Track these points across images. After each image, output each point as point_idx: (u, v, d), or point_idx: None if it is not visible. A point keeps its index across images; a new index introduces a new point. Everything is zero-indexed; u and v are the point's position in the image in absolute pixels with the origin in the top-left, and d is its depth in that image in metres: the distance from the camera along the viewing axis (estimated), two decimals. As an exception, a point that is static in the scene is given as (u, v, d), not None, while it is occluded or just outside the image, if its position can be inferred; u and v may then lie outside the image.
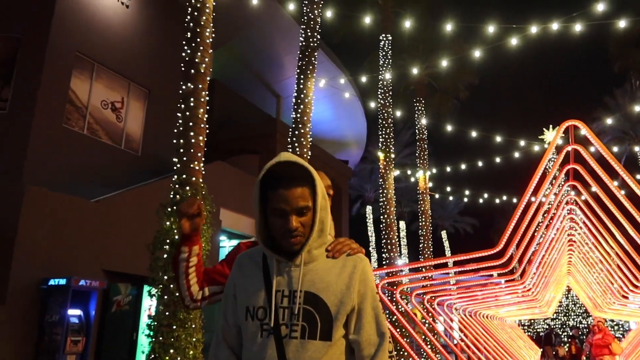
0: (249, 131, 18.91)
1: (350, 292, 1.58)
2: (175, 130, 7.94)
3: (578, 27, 11.18)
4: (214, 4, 7.88)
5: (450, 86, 20.17)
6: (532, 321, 26.61)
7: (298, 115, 10.19)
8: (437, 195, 27.86)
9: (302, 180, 1.56)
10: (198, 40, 7.49)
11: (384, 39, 17.92)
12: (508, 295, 9.73)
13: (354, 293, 1.59)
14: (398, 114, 19.21)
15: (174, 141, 7.74)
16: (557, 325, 25.65)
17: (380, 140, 16.55)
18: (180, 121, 7.75)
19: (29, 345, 9.03)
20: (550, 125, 29.57)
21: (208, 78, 7.75)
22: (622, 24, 10.71)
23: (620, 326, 23.87)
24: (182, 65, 7.78)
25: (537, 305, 10.35)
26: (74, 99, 12.48)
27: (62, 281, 9.11)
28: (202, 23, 7.51)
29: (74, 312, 9.20)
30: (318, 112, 17.86)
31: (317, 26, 11.02)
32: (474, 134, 18.93)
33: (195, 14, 7.51)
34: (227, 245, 15.81)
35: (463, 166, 21.51)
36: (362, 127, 28.16)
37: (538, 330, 25.61)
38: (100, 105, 13.23)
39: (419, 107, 19.35)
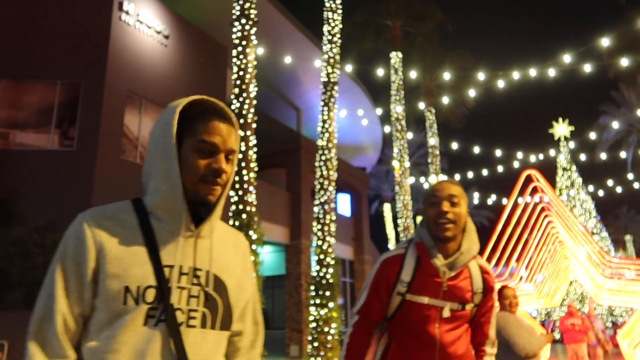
0: (275, 147, 20.70)
1: (247, 277, 1.40)
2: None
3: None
4: (255, 63, 9.66)
5: (458, 96, 21.70)
6: (550, 310, 28.13)
7: (324, 142, 11.94)
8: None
9: (232, 121, 1.32)
10: (244, 95, 9.27)
11: (395, 56, 19.54)
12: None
13: (249, 279, 1.41)
14: (411, 135, 20.77)
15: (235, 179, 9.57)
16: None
17: (395, 151, 18.22)
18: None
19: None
20: (560, 118, 30.78)
21: (254, 125, 9.52)
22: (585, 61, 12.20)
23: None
24: (232, 112, 9.52)
25: (536, 298, 11.92)
26: (127, 133, 14.40)
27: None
28: (247, 81, 9.28)
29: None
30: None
31: (337, 63, 12.74)
32: (483, 132, 20.41)
33: (241, 73, 9.29)
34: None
35: (473, 171, 22.96)
36: (378, 132, 29.79)
37: (554, 319, 27.14)
38: (148, 135, 15.11)
39: (429, 117, 20.95)
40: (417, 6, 19.39)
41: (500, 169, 22.22)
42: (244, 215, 9.03)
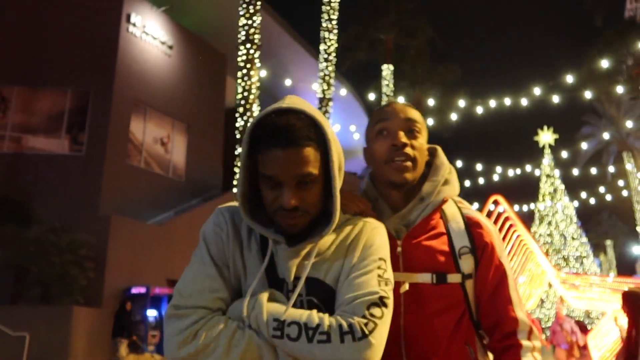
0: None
1: (356, 261, 1.17)
2: (237, 178, 10.72)
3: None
4: (258, 84, 10.57)
5: (445, 107, 22.71)
6: (530, 312, 29.48)
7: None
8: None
9: (307, 138, 1.09)
10: (248, 114, 10.17)
11: (387, 68, 20.51)
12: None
13: (361, 261, 1.17)
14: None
15: (234, 183, 10.49)
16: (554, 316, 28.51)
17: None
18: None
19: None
20: (545, 126, 32.04)
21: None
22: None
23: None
24: (236, 128, 10.45)
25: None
26: (132, 139, 15.23)
27: (143, 289, 11.89)
28: (251, 101, 10.19)
29: (151, 313, 12.01)
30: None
31: (331, 80, 13.69)
32: (471, 141, 21.42)
33: (245, 93, 10.19)
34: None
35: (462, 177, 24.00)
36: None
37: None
38: (152, 141, 15.98)
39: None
40: (408, 22, 20.37)
41: (494, 176, 23.32)
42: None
